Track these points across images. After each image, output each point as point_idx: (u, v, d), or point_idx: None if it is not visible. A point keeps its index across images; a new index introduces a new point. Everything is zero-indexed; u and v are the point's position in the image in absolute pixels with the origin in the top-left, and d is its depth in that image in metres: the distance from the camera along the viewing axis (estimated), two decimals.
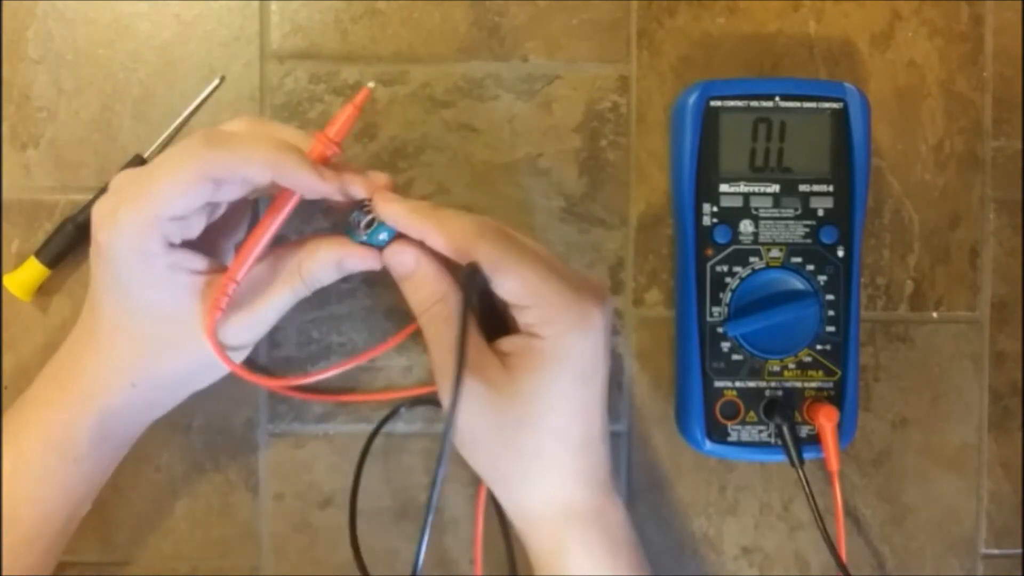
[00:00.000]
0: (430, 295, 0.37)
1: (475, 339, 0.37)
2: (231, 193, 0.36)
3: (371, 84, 0.36)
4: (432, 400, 0.44)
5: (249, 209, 0.41)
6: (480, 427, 0.36)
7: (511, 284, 0.35)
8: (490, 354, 0.36)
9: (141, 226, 0.34)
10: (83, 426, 0.37)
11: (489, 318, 0.38)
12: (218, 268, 0.37)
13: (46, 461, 0.37)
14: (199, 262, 0.36)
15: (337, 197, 0.36)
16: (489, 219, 0.36)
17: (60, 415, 0.37)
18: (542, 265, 0.35)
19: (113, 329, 0.37)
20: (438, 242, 0.35)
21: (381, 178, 0.38)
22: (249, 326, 0.37)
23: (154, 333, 0.37)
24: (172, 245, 0.35)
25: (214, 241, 0.39)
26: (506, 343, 0.37)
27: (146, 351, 0.37)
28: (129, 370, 0.37)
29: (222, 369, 0.38)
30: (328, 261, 0.37)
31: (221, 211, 0.38)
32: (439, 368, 0.37)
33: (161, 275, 0.35)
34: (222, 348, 0.37)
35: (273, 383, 0.43)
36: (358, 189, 0.36)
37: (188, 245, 0.36)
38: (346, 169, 0.37)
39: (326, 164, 0.36)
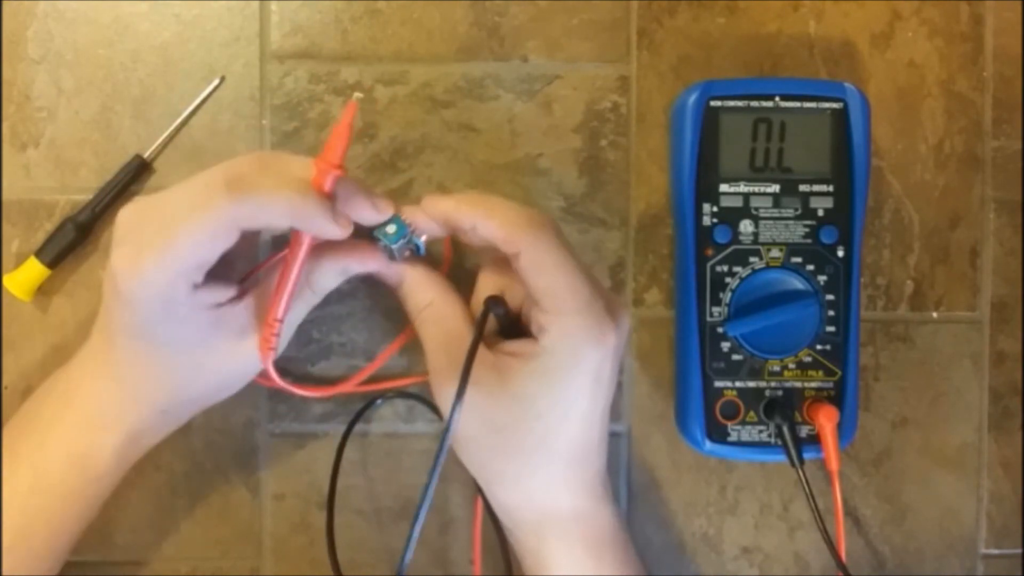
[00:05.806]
0: (420, 300, 0.39)
1: (466, 343, 0.37)
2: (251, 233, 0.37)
3: (357, 95, 0.35)
4: (410, 394, 0.44)
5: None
6: (470, 427, 0.37)
7: (544, 281, 0.35)
8: (484, 357, 0.37)
9: (168, 277, 0.34)
10: (108, 447, 0.38)
11: (504, 322, 0.39)
12: (235, 293, 0.38)
13: (67, 480, 0.38)
14: (218, 294, 0.37)
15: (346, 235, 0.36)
16: (541, 212, 0.37)
17: (84, 437, 0.38)
18: (577, 273, 0.36)
19: (136, 364, 0.37)
20: (488, 228, 0.36)
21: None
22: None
23: (180, 364, 0.37)
24: (195, 286, 0.35)
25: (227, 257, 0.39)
26: (511, 344, 0.37)
27: (173, 382, 0.38)
28: (157, 400, 0.38)
29: (237, 386, 0.40)
30: (333, 269, 0.38)
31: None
32: (431, 366, 0.39)
33: (185, 315, 0.36)
34: (287, 382, 0.38)
35: (317, 391, 0.43)
36: (368, 215, 0.37)
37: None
38: (355, 192, 0.36)
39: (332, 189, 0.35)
